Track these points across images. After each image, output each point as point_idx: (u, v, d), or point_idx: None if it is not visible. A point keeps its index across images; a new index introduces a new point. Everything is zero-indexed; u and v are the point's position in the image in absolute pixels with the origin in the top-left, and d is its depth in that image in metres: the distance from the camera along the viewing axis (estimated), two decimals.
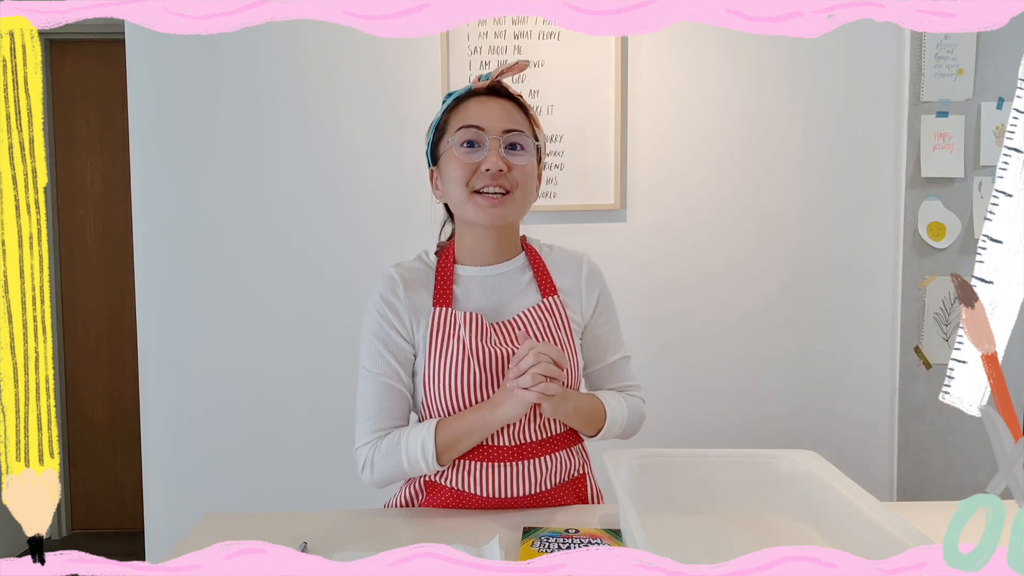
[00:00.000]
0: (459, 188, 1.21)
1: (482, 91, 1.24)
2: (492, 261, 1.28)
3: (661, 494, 1.17)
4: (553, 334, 1.25)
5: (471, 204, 1.21)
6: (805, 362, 2.22)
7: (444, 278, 1.26)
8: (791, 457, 1.21)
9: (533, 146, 1.24)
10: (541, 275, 1.29)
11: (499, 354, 1.21)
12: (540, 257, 1.32)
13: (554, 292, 1.28)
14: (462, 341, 1.20)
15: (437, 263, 1.29)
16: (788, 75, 2.16)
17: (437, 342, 1.22)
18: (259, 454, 2.19)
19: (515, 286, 1.28)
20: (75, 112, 3.19)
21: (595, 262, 1.38)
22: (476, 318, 1.22)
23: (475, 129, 1.20)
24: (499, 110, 1.22)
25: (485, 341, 1.22)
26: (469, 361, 1.20)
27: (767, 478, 1.20)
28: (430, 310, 1.24)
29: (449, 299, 1.24)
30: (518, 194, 1.22)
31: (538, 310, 1.26)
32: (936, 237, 2.34)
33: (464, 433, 1.19)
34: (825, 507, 1.11)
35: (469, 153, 1.20)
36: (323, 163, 2.15)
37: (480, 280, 1.27)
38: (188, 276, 2.16)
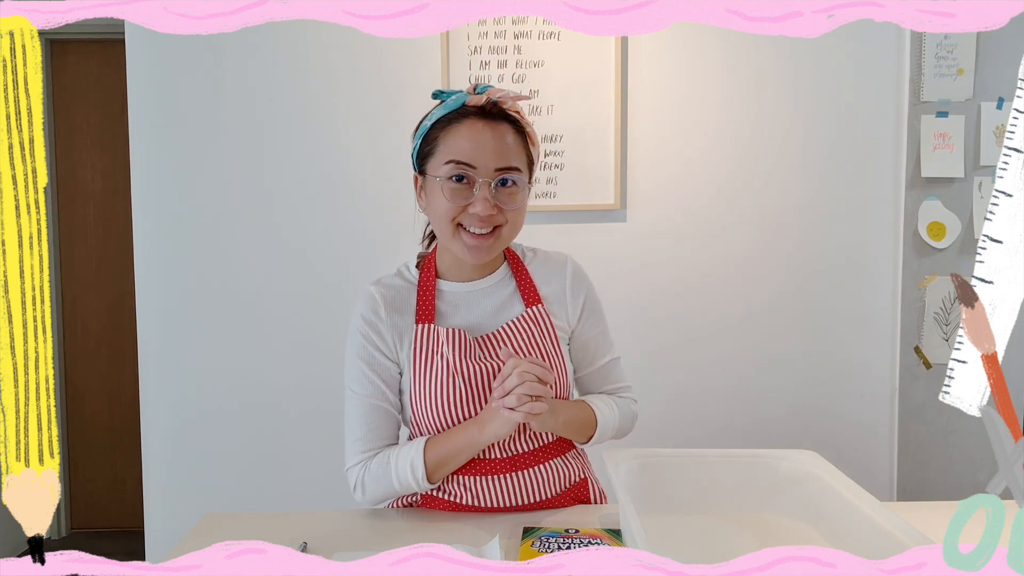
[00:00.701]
0: (444, 224, 1.17)
1: (476, 111, 1.16)
2: (475, 276, 1.26)
3: (661, 494, 1.17)
4: (538, 344, 1.23)
5: (456, 241, 1.17)
6: (805, 362, 2.22)
7: (426, 294, 1.23)
8: (792, 457, 1.21)
9: (526, 175, 1.19)
10: (524, 284, 1.27)
11: (483, 369, 1.19)
12: (523, 264, 1.29)
13: (538, 301, 1.25)
14: (445, 358, 1.18)
15: (419, 277, 1.26)
16: (788, 75, 2.16)
17: (421, 359, 1.20)
18: (259, 454, 2.19)
19: (498, 299, 1.26)
20: (75, 112, 3.19)
21: (579, 264, 1.33)
22: (459, 334, 1.20)
23: (465, 166, 1.13)
24: (493, 142, 1.14)
25: (469, 357, 1.20)
26: (454, 377, 1.18)
27: (767, 478, 1.20)
28: (412, 328, 1.22)
29: (432, 315, 1.21)
30: (506, 231, 1.18)
31: (522, 321, 1.24)
32: (936, 237, 2.34)
33: (453, 452, 1.17)
34: (825, 507, 1.11)
35: (457, 191, 1.14)
36: (323, 163, 2.15)
37: (463, 295, 1.25)
38: (188, 276, 2.16)
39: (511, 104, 1.19)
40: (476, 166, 1.14)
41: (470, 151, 1.14)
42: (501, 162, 1.15)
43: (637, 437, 1.41)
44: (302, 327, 2.17)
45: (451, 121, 1.17)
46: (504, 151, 1.15)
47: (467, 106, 1.17)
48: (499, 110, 1.18)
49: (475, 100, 1.16)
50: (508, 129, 1.17)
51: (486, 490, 1.21)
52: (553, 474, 1.24)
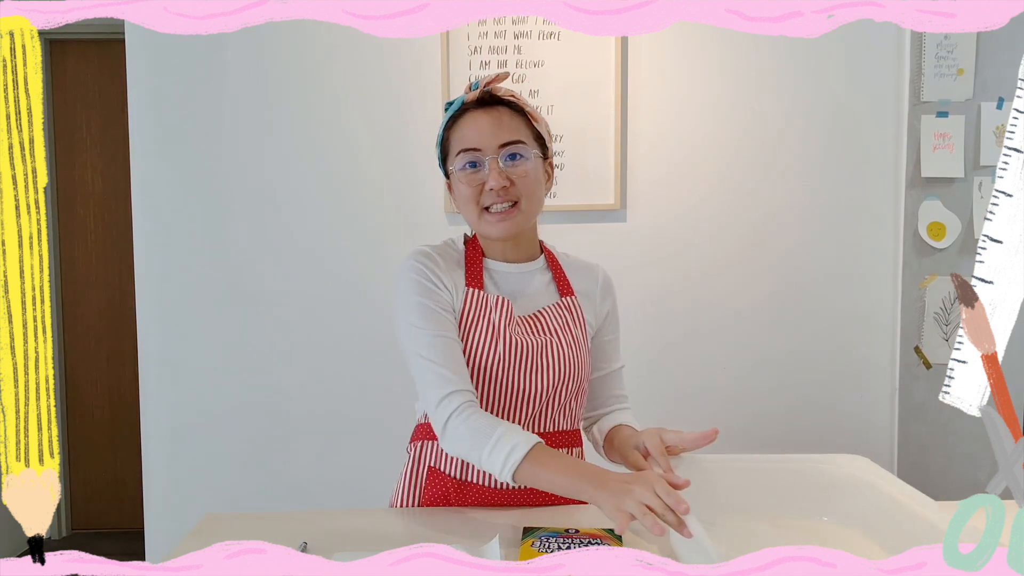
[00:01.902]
0: (470, 208, 1.25)
1: (474, 104, 1.26)
2: (515, 259, 1.32)
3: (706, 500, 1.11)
4: (571, 332, 1.29)
5: (482, 222, 1.25)
6: (805, 361, 2.21)
7: (474, 263, 1.29)
8: (839, 462, 1.19)
9: (534, 148, 1.26)
10: (559, 277, 1.34)
11: (522, 343, 1.24)
12: (558, 261, 1.37)
13: (571, 293, 1.33)
14: (492, 323, 1.23)
15: (466, 250, 1.32)
16: (788, 75, 2.16)
17: (469, 319, 1.24)
18: (259, 454, 2.19)
19: (538, 283, 1.32)
20: (75, 112, 3.19)
21: (609, 274, 1.42)
22: (506, 303, 1.26)
23: (472, 151, 1.23)
24: (491, 124, 1.23)
25: (512, 328, 1.25)
26: (496, 342, 1.22)
27: (815, 484, 1.17)
28: (463, 287, 1.26)
29: (481, 282, 1.27)
30: (524, 204, 1.25)
31: (558, 307, 1.30)
32: (936, 237, 2.34)
33: (551, 479, 1.08)
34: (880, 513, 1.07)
35: (472, 175, 1.23)
36: (323, 163, 2.15)
37: (506, 274, 1.31)
38: (188, 275, 2.16)
39: (504, 90, 1.28)
40: (481, 148, 1.22)
41: (473, 137, 1.23)
42: (502, 138, 1.23)
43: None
44: (302, 327, 2.17)
45: (455, 119, 1.27)
46: (502, 128, 1.23)
47: (466, 103, 1.26)
48: (494, 97, 1.26)
49: (471, 96, 1.26)
50: (504, 111, 1.26)
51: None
52: None
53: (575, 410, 1.32)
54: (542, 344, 1.24)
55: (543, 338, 1.25)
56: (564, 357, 1.25)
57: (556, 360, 1.25)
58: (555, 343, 1.25)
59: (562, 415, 1.29)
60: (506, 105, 1.26)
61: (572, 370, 1.26)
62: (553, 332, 1.27)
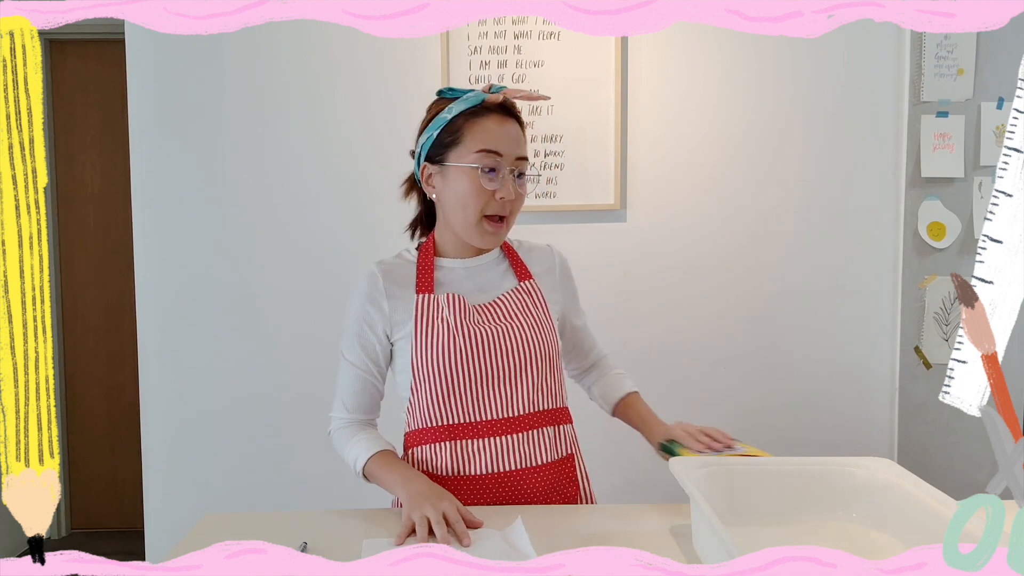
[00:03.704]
0: (471, 212, 1.26)
1: (495, 107, 1.27)
2: (472, 254, 1.35)
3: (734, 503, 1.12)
4: (532, 313, 1.32)
5: (478, 229, 1.27)
6: (805, 361, 2.21)
7: (425, 268, 1.32)
8: (865, 464, 1.18)
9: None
10: (516, 263, 1.38)
11: (482, 332, 1.27)
12: (512, 248, 1.41)
13: (529, 276, 1.36)
14: (446, 321, 1.26)
15: (418, 256, 1.35)
16: (788, 75, 2.16)
17: (423, 324, 1.27)
18: (259, 453, 2.19)
19: (494, 273, 1.36)
20: (75, 112, 3.19)
21: (560, 250, 1.45)
22: (458, 299, 1.29)
23: (495, 156, 1.24)
24: (513, 133, 1.26)
25: (468, 320, 1.27)
26: (455, 338, 1.26)
27: (841, 486, 1.16)
28: (413, 300, 1.29)
29: (431, 286, 1.30)
30: (510, 220, 1.29)
31: (517, 292, 1.34)
32: (936, 237, 2.34)
33: (384, 476, 1.26)
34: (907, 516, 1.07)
35: (490, 179, 1.24)
36: (323, 162, 2.15)
37: (461, 269, 1.34)
38: (188, 275, 2.16)
39: (517, 107, 1.32)
40: (503, 154, 1.24)
41: (497, 140, 1.24)
42: (520, 151, 1.27)
43: (637, 436, 1.41)
44: (303, 327, 2.17)
45: (475, 114, 1.26)
46: (521, 142, 1.28)
47: (487, 102, 1.27)
48: (509, 108, 1.30)
49: (494, 98, 1.27)
50: (518, 125, 1.30)
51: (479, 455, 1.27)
52: (543, 441, 1.30)
53: (553, 387, 1.33)
54: (502, 329, 1.28)
55: (503, 323, 1.29)
56: (527, 338, 1.28)
57: (520, 342, 1.28)
58: (515, 325, 1.29)
59: (541, 395, 1.31)
60: (517, 120, 1.30)
61: (538, 348, 1.29)
62: (514, 316, 1.30)
